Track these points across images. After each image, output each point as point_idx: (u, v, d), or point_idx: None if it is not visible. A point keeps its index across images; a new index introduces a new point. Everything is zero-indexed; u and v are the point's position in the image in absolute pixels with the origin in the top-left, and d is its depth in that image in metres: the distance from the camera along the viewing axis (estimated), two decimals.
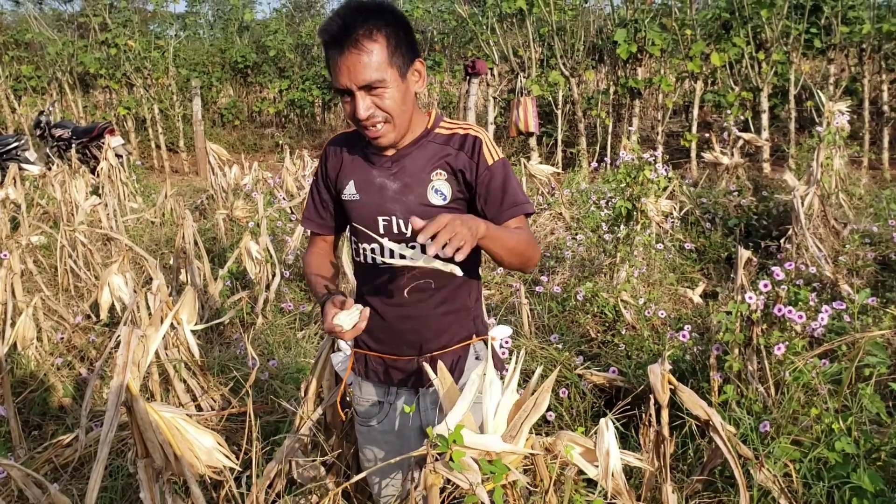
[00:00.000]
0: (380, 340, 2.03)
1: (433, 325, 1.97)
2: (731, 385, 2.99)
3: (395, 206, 1.88)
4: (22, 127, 13.45)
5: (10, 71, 14.18)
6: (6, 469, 2.63)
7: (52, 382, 3.97)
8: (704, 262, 5.74)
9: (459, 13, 11.67)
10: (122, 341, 2.04)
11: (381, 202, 1.90)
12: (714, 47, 9.57)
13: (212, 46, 16.45)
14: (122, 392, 2.01)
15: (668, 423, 2.47)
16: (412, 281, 1.91)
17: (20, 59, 14.56)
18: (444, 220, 1.52)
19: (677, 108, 12.27)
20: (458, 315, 1.99)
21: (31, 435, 3.56)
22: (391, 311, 1.97)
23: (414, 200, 1.87)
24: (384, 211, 1.90)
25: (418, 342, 1.98)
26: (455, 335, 2.00)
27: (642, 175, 4.36)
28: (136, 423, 1.94)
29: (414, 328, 1.97)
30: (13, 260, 3.99)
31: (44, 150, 10.96)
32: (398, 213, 1.88)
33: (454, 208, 1.88)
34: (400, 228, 1.89)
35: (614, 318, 4.22)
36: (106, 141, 8.75)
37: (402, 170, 1.89)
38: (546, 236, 5.86)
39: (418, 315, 1.96)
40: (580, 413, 3.47)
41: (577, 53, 10.58)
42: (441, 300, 1.96)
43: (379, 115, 1.78)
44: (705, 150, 8.50)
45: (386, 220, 1.90)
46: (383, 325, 1.99)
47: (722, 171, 7.51)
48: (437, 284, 1.93)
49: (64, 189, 6.75)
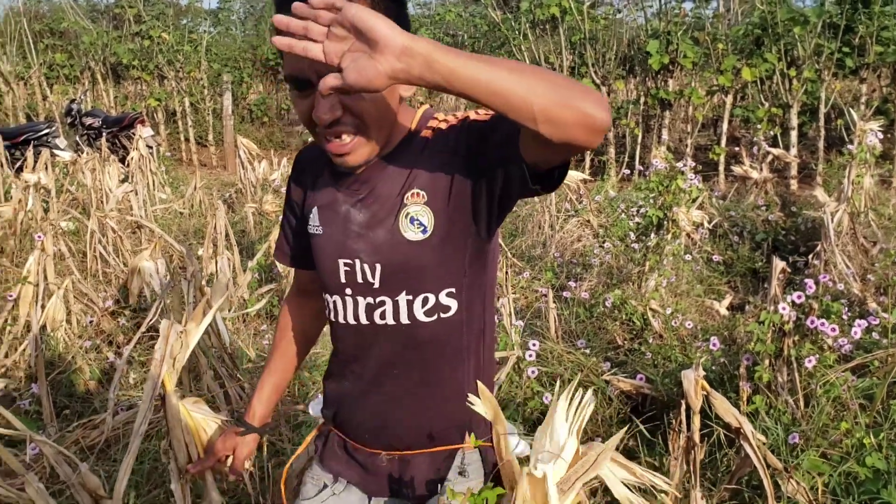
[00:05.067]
0: (342, 420, 1.53)
1: (406, 414, 1.43)
2: (761, 395, 2.99)
3: (358, 245, 1.35)
4: (53, 114, 13.60)
5: (44, 59, 14.36)
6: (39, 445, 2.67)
7: (79, 365, 4.01)
8: (731, 275, 5.72)
9: (492, 18, 11.71)
10: (161, 335, 2.04)
11: (342, 239, 1.37)
12: (745, 62, 9.53)
13: (243, 42, 16.58)
14: (157, 386, 2.04)
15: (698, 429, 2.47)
16: (382, 347, 1.40)
17: (54, 48, 14.75)
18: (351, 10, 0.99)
19: (705, 122, 12.23)
20: (445, 403, 1.41)
21: (61, 415, 3.61)
22: (355, 386, 1.47)
23: (383, 237, 1.33)
24: (346, 252, 1.37)
25: (385, 433, 1.45)
26: (439, 432, 1.43)
27: (674, 184, 4.36)
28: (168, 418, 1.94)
29: (381, 413, 1.44)
30: (47, 242, 4.05)
31: (73, 138, 11.08)
32: (363, 256, 1.35)
33: (437, 252, 1.32)
34: (366, 276, 1.35)
35: (642, 327, 4.22)
36: (137, 131, 8.84)
37: (371, 193, 1.35)
38: (573, 243, 5.87)
39: (388, 397, 1.43)
40: (605, 419, 3.48)
41: (608, 63, 10.58)
42: (422, 381, 1.41)
43: (348, 120, 1.24)
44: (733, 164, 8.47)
45: (348, 265, 1.37)
46: (346, 402, 1.50)
47: (750, 186, 7.48)
48: (417, 355, 1.39)
49: (94, 176, 6.83)
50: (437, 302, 1.35)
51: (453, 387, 1.41)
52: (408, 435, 1.43)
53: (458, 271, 1.35)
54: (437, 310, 1.36)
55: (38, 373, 3.26)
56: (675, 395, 3.38)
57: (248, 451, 1.68)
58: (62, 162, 8.11)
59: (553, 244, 5.77)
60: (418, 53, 0.99)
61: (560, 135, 1.02)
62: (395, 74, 1.00)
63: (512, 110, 1.02)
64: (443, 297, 1.35)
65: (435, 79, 1.00)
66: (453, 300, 1.36)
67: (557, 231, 5.97)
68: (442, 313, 1.36)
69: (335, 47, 1.02)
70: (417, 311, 1.35)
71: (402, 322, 1.36)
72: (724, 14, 10.38)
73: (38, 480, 2.55)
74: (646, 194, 4.71)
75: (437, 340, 1.38)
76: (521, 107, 1.01)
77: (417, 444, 1.43)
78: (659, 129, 10.38)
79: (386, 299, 1.36)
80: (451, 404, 1.41)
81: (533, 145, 1.10)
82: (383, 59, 0.99)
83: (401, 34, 0.99)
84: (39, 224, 5.20)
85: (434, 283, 1.35)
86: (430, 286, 1.35)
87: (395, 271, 1.34)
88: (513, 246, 5.93)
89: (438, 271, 1.34)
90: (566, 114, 1.01)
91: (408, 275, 1.34)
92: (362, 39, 1.00)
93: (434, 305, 1.35)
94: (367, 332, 1.40)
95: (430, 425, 1.42)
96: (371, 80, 1.00)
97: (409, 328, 1.36)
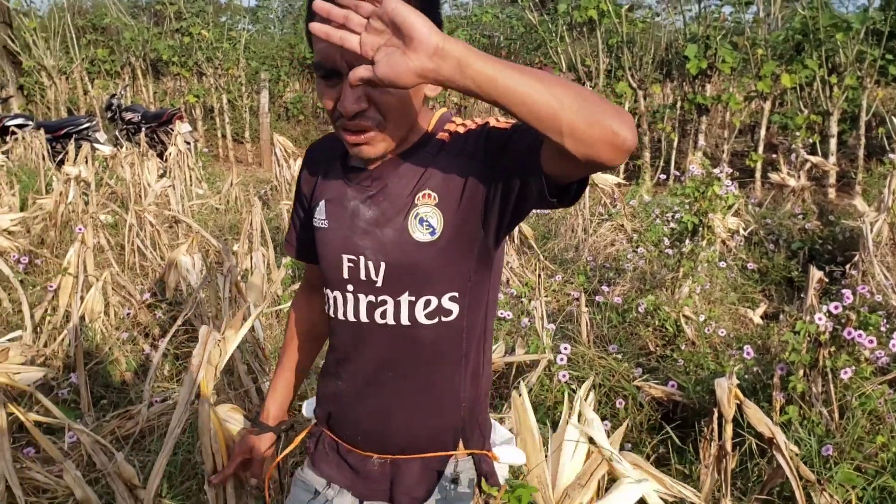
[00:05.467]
0: (335, 421, 1.51)
1: (400, 417, 1.41)
2: (794, 406, 2.96)
3: (364, 242, 1.35)
4: (94, 109, 13.81)
5: (86, 54, 14.60)
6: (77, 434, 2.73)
7: (116, 356, 4.08)
8: (766, 284, 5.67)
9: (529, 20, 11.70)
10: (199, 341, 2.05)
11: (349, 234, 1.37)
12: (785, 68, 9.43)
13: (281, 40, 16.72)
14: (193, 391, 2.06)
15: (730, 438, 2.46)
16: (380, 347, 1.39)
17: (96, 43, 15.00)
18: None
19: (742, 128, 12.11)
20: (441, 408, 1.41)
21: (98, 404, 3.67)
22: (350, 386, 1.45)
23: (391, 235, 1.32)
24: (351, 247, 1.36)
25: (378, 435, 1.43)
26: (432, 437, 1.42)
27: (711, 190, 4.33)
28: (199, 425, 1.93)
29: (375, 415, 1.43)
30: (87, 235, 4.12)
31: (113, 133, 11.25)
32: (368, 253, 1.34)
33: (444, 256, 1.32)
34: (369, 274, 1.35)
35: (674, 333, 4.19)
36: (175, 127, 8.96)
37: (382, 191, 1.34)
38: (606, 247, 5.85)
39: (383, 398, 1.41)
40: (636, 425, 3.47)
41: (644, 66, 10.52)
42: (418, 384, 1.40)
43: (371, 115, 1.24)
44: (770, 171, 8.38)
45: (352, 261, 1.36)
46: (340, 401, 1.48)
47: (787, 194, 7.40)
48: (415, 357, 1.38)
49: (133, 170, 6.93)
50: (439, 305, 1.35)
51: (449, 392, 1.40)
52: (401, 439, 1.42)
53: (462, 276, 1.35)
54: (439, 313, 1.35)
55: (77, 363, 3.31)
56: (706, 402, 3.36)
57: (265, 452, 1.68)
58: (102, 156, 8.23)
59: (586, 248, 5.75)
60: (451, 55, 0.99)
61: (585, 151, 1.02)
62: (425, 73, 1.00)
63: (539, 122, 1.02)
64: (445, 301, 1.35)
65: (465, 82, 1.00)
66: (455, 304, 1.35)
67: (591, 235, 5.95)
68: (443, 317, 1.35)
69: (372, 40, 1.02)
70: (419, 313, 1.35)
71: (403, 323, 1.35)
72: (764, 19, 10.27)
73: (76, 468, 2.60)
74: (681, 200, 4.68)
75: (435, 344, 1.37)
76: (549, 119, 1.01)
77: (410, 448, 1.42)
78: (695, 135, 10.30)
79: (388, 298, 1.35)
80: (446, 410, 1.41)
81: (555, 158, 1.09)
82: (415, 57, 0.99)
83: (436, 34, 0.99)
84: (80, 217, 5.28)
85: (437, 286, 1.34)
86: (433, 288, 1.34)
87: (399, 271, 1.33)
88: (545, 248, 5.92)
89: (443, 274, 1.33)
90: (594, 130, 1.00)
91: (412, 275, 1.33)
92: (398, 35, 1.00)
93: (436, 308, 1.35)
94: (366, 331, 1.38)
95: (424, 430, 1.41)
96: (400, 76, 1.00)
97: (409, 329, 1.36)
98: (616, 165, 1.07)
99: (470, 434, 1.43)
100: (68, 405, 3.51)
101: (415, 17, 0.98)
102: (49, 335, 3.99)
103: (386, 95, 1.21)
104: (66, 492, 2.71)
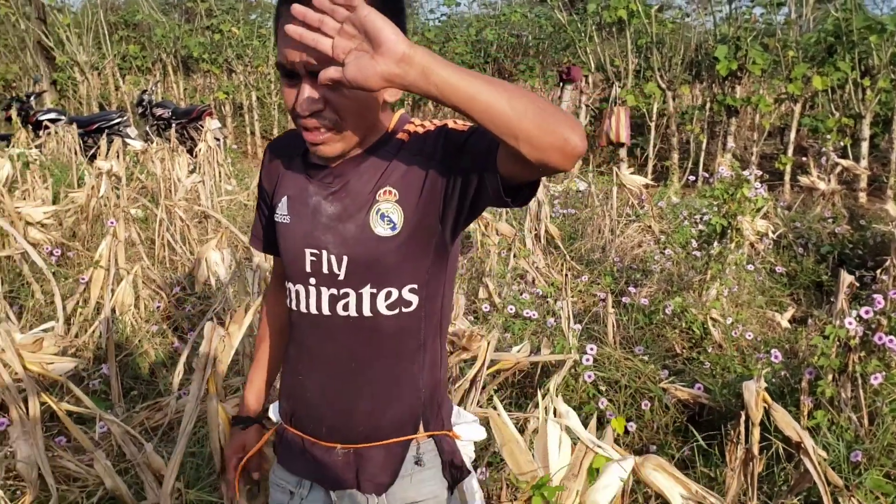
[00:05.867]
0: (299, 415, 1.53)
1: (363, 407, 1.44)
2: (822, 411, 2.94)
3: (327, 237, 1.39)
4: (124, 104, 13.98)
5: (118, 50, 14.78)
6: (108, 424, 2.77)
7: (145, 349, 4.13)
8: (794, 288, 5.62)
9: (558, 19, 11.67)
10: (204, 338, 2.09)
11: (310, 229, 1.41)
12: (816, 70, 9.33)
13: None
14: (202, 386, 2.09)
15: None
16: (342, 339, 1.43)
17: (128, 39, 15.19)
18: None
19: (772, 130, 12.01)
20: (402, 396, 1.45)
21: (127, 396, 3.72)
22: (313, 380, 1.48)
23: (352, 230, 1.37)
24: (313, 242, 1.40)
25: (342, 426, 1.46)
26: (394, 425, 1.46)
27: (740, 192, 4.30)
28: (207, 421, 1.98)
29: (338, 407, 1.46)
30: (119, 228, 4.18)
31: (143, 128, 11.38)
32: (330, 247, 1.39)
33: (404, 250, 1.37)
34: (331, 267, 1.39)
35: (701, 336, 4.17)
36: (206, 123, 9.04)
37: (344, 187, 1.39)
38: (633, 248, 5.83)
39: (345, 390, 1.45)
40: (662, 427, 3.45)
41: (674, 67, 10.46)
42: (380, 374, 1.44)
43: (328, 116, 1.29)
44: (799, 174, 8.30)
45: (314, 255, 1.40)
46: (303, 395, 1.51)
47: (817, 197, 7.33)
48: (376, 348, 1.43)
49: (163, 166, 7.00)
50: (399, 296, 1.40)
51: (409, 380, 1.45)
52: (364, 428, 1.45)
53: (421, 269, 1.40)
54: (399, 304, 1.40)
55: (109, 354, 3.36)
56: (733, 405, 3.34)
57: (253, 445, 1.69)
58: (133, 151, 8.32)
59: (613, 249, 5.73)
60: (416, 63, 1.06)
61: (538, 155, 1.10)
62: (392, 78, 1.07)
63: (497, 127, 1.09)
64: (405, 293, 1.40)
65: (429, 88, 1.07)
66: (415, 296, 1.41)
67: (618, 236, 5.93)
68: (403, 308, 1.40)
69: (344, 44, 1.09)
70: (380, 305, 1.39)
71: (365, 314, 1.40)
72: (796, 20, 10.16)
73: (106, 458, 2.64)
74: (710, 202, 4.65)
75: (396, 334, 1.42)
76: (506, 125, 1.08)
77: (373, 436, 1.45)
78: (724, 136, 10.22)
79: (350, 291, 1.39)
80: (406, 397, 1.45)
81: (509, 161, 1.16)
82: (383, 62, 1.06)
83: (404, 42, 1.05)
84: (112, 210, 5.35)
85: (398, 279, 1.39)
86: (393, 281, 1.39)
87: (361, 264, 1.38)
88: (572, 249, 5.90)
89: (403, 267, 1.38)
90: (547, 138, 1.09)
91: (373, 269, 1.38)
92: (368, 40, 1.07)
93: (396, 300, 1.40)
94: (329, 323, 1.42)
95: (387, 418, 1.45)
96: (368, 79, 1.07)
97: (371, 320, 1.40)
98: (567, 170, 1.15)
99: (431, 418, 1.48)
100: (98, 396, 3.56)
101: (384, 24, 1.05)
102: (80, 327, 4.05)
103: (342, 98, 1.26)
104: (97, 481, 2.75)
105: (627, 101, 10.07)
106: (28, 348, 2.52)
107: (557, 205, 6.87)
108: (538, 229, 5.53)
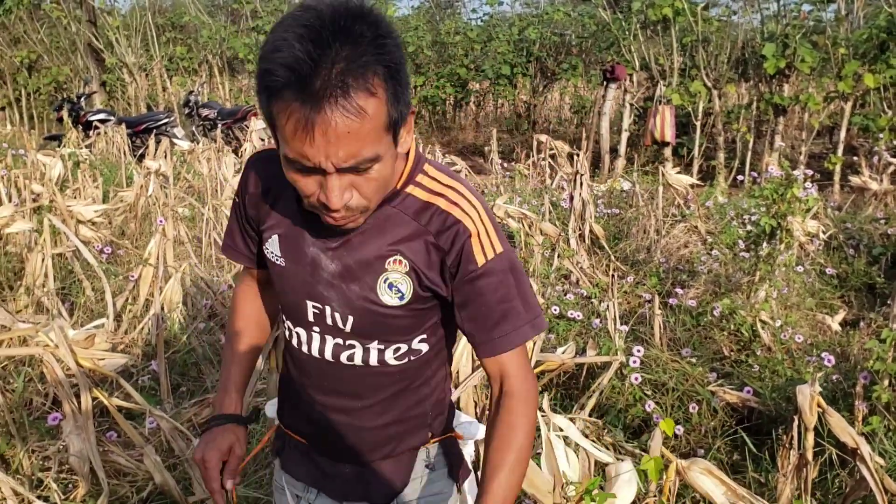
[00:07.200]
0: (303, 432, 1.50)
1: (371, 438, 1.43)
2: (878, 416, 2.87)
3: (330, 293, 1.32)
4: (172, 105, 14.18)
5: (165, 51, 15.01)
6: (157, 420, 2.81)
7: (193, 346, 4.18)
8: (845, 290, 5.49)
9: (602, 18, 11.58)
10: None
11: (312, 282, 1.33)
12: (868, 68, 9.12)
13: None
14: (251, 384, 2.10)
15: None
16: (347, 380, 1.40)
17: (175, 41, 15.42)
18: None
19: (820, 129, 11.78)
20: (408, 424, 1.44)
21: (176, 392, 3.76)
22: (317, 407, 1.44)
23: (357, 293, 1.30)
24: (315, 295, 1.33)
25: (351, 451, 1.44)
26: (404, 441, 1.45)
27: (790, 192, 4.21)
28: None
29: (347, 437, 1.43)
30: (167, 227, 4.23)
31: (190, 128, 11.53)
32: (334, 304, 1.32)
33: (414, 313, 1.33)
34: (335, 321, 1.33)
35: (750, 338, 4.10)
36: (250, 123, 9.13)
37: (346, 245, 1.29)
38: (679, 249, 5.75)
39: (353, 425, 1.42)
40: (710, 430, 3.40)
41: (720, 65, 10.32)
42: (386, 406, 1.41)
43: (356, 203, 1.18)
44: (850, 173, 8.13)
45: (317, 308, 1.34)
46: (310, 418, 1.46)
47: (869, 197, 7.17)
48: (383, 386, 1.40)
49: (210, 165, 7.09)
50: (409, 348, 1.38)
51: (418, 403, 1.44)
52: (372, 448, 1.43)
53: (431, 321, 1.38)
54: (409, 354, 1.38)
55: (158, 351, 3.41)
56: (783, 409, 3.28)
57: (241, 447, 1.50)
58: (180, 151, 8.44)
59: (658, 249, 5.66)
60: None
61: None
62: None
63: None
64: (415, 343, 1.38)
65: None
66: (425, 344, 1.39)
67: (663, 236, 5.86)
68: (412, 356, 1.39)
69: None
70: (388, 357, 1.37)
71: (371, 364, 1.37)
72: (846, 17, 9.95)
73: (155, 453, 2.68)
74: (758, 202, 4.56)
75: (403, 373, 1.40)
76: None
77: (382, 454, 1.44)
78: (772, 136, 10.05)
79: (356, 343, 1.35)
80: (416, 417, 1.44)
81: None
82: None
83: None
84: (160, 209, 5.43)
85: (407, 335, 1.36)
86: (403, 338, 1.36)
87: (367, 324, 1.34)
88: (617, 249, 5.85)
89: (412, 326, 1.36)
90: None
91: (381, 329, 1.34)
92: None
93: (406, 351, 1.38)
94: (332, 368, 1.38)
95: (394, 438, 1.43)
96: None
97: (377, 368, 1.38)
98: None
99: (438, 425, 1.48)
100: (147, 392, 3.61)
101: None
102: (129, 323, 4.11)
103: (370, 181, 1.16)
104: (146, 476, 2.79)
105: (672, 99, 9.95)
106: (80, 344, 2.56)
107: (602, 204, 6.81)
108: (582, 229, 5.49)
